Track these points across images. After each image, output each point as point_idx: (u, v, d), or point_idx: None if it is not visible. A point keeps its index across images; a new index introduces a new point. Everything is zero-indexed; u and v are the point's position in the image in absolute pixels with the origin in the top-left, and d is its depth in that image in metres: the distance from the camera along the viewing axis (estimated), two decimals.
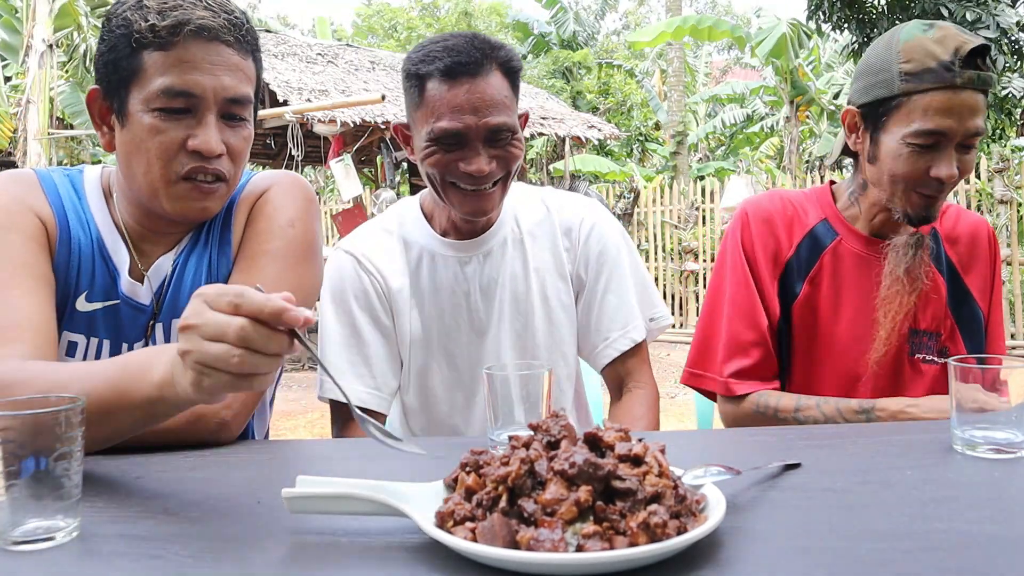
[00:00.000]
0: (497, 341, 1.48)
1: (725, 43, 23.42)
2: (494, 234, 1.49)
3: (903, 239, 1.48)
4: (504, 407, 1.02)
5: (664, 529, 0.64)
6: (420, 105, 1.34)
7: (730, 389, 1.49)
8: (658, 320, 1.57)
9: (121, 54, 1.15)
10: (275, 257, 1.24)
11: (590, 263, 1.52)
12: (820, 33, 8.65)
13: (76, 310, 1.23)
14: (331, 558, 0.70)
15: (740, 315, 1.51)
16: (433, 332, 1.48)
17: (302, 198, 1.31)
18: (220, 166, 1.18)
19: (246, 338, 0.78)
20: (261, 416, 1.43)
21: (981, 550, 0.68)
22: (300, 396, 6.55)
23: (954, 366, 0.99)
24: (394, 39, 24.03)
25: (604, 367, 1.54)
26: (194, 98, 1.14)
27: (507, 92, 1.34)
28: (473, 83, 1.30)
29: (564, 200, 1.57)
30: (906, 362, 1.50)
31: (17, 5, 10.69)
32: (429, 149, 1.34)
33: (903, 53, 1.37)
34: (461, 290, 1.48)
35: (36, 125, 9.47)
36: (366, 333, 1.45)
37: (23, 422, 0.73)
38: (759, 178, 10.23)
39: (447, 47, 1.31)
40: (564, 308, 1.52)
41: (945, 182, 1.37)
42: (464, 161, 1.32)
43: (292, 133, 8.22)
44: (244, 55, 1.19)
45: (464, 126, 1.30)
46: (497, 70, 1.33)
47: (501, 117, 1.32)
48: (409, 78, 1.35)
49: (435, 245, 1.48)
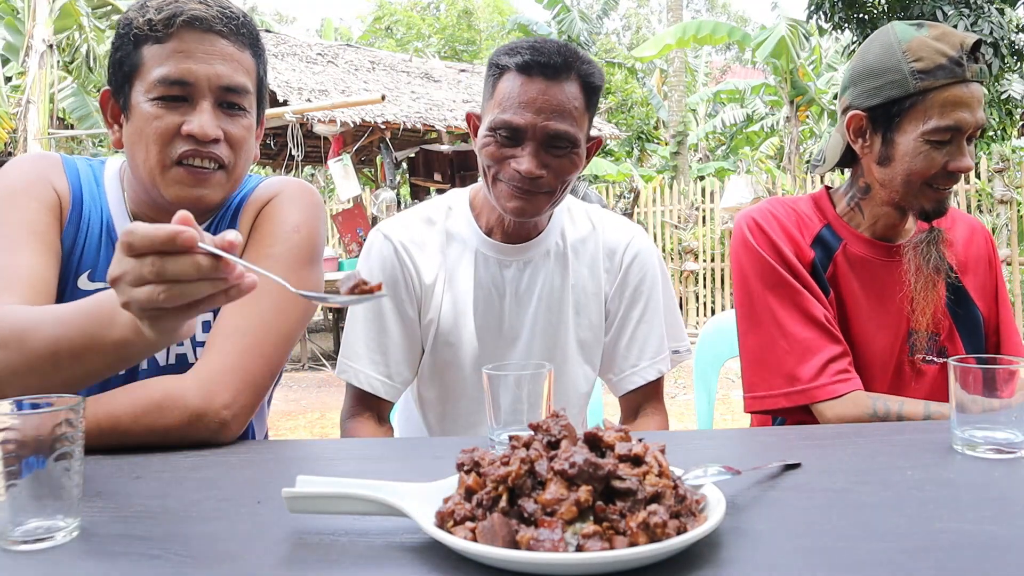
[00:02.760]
0: (528, 349, 1.48)
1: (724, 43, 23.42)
2: (538, 243, 1.49)
3: (921, 237, 1.48)
4: (504, 407, 1.02)
5: (664, 529, 0.64)
6: (493, 94, 1.35)
7: (831, 391, 1.39)
8: (682, 353, 1.58)
9: (125, 52, 1.20)
10: (278, 260, 1.24)
11: (627, 290, 1.52)
12: (822, 32, 8.66)
13: (78, 288, 1.25)
14: (331, 558, 0.70)
15: (799, 318, 1.43)
16: (462, 330, 1.48)
17: (309, 204, 1.32)
18: (217, 151, 1.19)
19: (161, 273, 0.78)
20: (260, 416, 1.44)
21: (981, 550, 0.68)
22: (300, 396, 6.55)
23: (954, 366, 0.99)
24: (393, 39, 24.02)
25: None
26: (189, 86, 1.17)
27: (579, 104, 1.34)
28: (547, 85, 1.30)
29: (611, 221, 1.57)
30: (906, 362, 1.50)
31: (18, 6, 10.69)
32: (487, 138, 1.35)
33: (910, 52, 1.37)
34: (496, 292, 1.48)
35: (36, 125, 9.47)
36: (389, 321, 1.46)
37: (23, 422, 0.73)
38: (759, 178, 10.22)
39: (533, 45, 1.32)
40: (593, 328, 1.53)
41: (961, 174, 1.38)
42: (516, 159, 1.33)
43: (292, 133, 8.22)
44: (240, 47, 1.22)
45: (525, 123, 1.31)
46: (575, 80, 1.33)
47: (564, 125, 1.32)
48: (491, 67, 1.37)
49: (477, 242, 1.48)
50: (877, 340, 1.48)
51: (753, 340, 1.48)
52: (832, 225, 1.53)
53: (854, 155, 1.51)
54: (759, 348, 1.47)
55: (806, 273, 1.46)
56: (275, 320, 1.20)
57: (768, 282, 1.46)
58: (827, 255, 1.50)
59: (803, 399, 1.41)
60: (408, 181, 11.42)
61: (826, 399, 1.39)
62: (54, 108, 10.18)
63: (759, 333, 1.47)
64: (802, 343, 1.42)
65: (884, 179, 1.45)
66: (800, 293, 1.44)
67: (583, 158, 1.39)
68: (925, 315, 1.46)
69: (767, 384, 1.45)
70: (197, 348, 1.26)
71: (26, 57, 9.68)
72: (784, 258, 1.46)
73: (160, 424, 1.08)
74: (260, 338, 1.18)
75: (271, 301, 1.20)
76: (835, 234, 1.52)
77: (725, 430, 1.46)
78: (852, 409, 1.37)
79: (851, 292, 1.49)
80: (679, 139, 16.20)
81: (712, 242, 9.84)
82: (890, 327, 1.49)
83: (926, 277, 1.46)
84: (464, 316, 1.47)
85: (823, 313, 1.44)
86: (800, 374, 1.41)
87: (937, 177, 1.40)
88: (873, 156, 1.46)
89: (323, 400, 6.36)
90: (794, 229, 1.50)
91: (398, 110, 9.30)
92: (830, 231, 1.52)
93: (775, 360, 1.44)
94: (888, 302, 1.49)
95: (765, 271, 1.47)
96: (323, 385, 7.13)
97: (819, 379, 1.40)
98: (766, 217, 1.51)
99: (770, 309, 1.45)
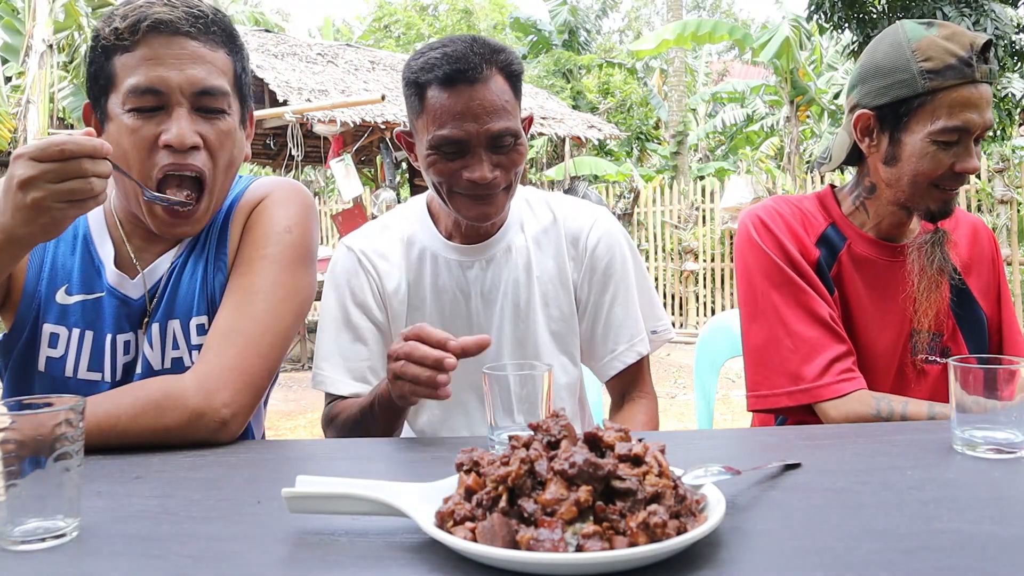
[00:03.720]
0: (498, 348, 1.48)
1: (724, 44, 23.42)
2: (498, 240, 1.49)
3: (925, 238, 1.47)
4: (503, 407, 1.02)
5: (664, 529, 0.64)
6: (421, 113, 1.34)
7: (836, 391, 1.38)
8: (661, 333, 1.56)
9: (98, 65, 1.19)
10: (272, 261, 1.24)
11: (596, 275, 1.51)
12: (822, 32, 8.66)
13: (56, 303, 1.25)
14: (331, 558, 0.70)
15: (804, 317, 1.42)
16: None
17: (300, 204, 1.32)
18: (196, 161, 1.18)
19: (81, 171, 0.97)
20: (257, 417, 1.44)
21: (981, 550, 0.68)
22: (300, 396, 6.55)
23: (954, 366, 0.99)
24: (392, 39, 24.00)
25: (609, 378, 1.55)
26: (162, 94, 1.15)
27: (508, 96, 1.33)
28: (473, 89, 1.29)
29: (571, 207, 1.55)
30: (909, 363, 1.50)
31: (18, 5, 10.69)
32: (432, 157, 1.34)
33: (919, 52, 1.36)
34: (462, 294, 1.47)
35: (36, 125, 9.46)
36: (358, 328, 1.46)
37: (23, 422, 0.73)
38: (759, 178, 10.22)
39: (446, 54, 1.30)
40: (565, 318, 1.52)
41: (969, 175, 1.37)
42: (467, 169, 1.32)
43: (292, 133, 8.23)
44: (213, 47, 1.19)
45: (465, 133, 1.30)
46: (498, 74, 1.32)
47: (503, 123, 1.31)
48: (409, 86, 1.35)
49: (438, 247, 1.48)
50: (880, 340, 1.48)
51: (757, 338, 1.47)
52: (837, 224, 1.52)
53: (860, 154, 1.50)
54: (763, 346, 1.46)
55: (811, 272, 1.46)
56: (270, 319, 1.20)
57: (773, 280, 1.46)
58: (832, 254, 1.49)
59: (807, 398, 1.40)
60: (408, 181, 11.43)
61: (830, 398, 1.38)
62: (54, 108, 10.18)
63: (763, 331, 1.46)
64: (807, 342, 1.41)
65: (890, 179, 1.44)
66: (805, 292, 1.44)
67: (526, 144, 1.39)
68: (928, 316, 1.46)
69: (770, 383, 1.44)
70: (193, 352, 1.26)
71: (26, 57, 9.68)
72: (790, 257, 1.46)
73: (160, 424, 1.08)
74: (256, 338, 1.18)
75: (266, 301, 1.21)
76: (840, 233, 1.51)
77: (725, 430, 1.46)
78: (856, 408, 1.36)
79: (855, 292, 1.49)
80: (679, 139, 16.21)
81: (712, 242, 9.84)
82: (893, 327, 1.48)
83: (930, 278, 1.45)
84: (431, 321, 1.46)
85: (828, 312, 1.43)
86: (804, 373, 1.40)
87: (944, 178, 1.39)
88: (880, 156, 1.45)
89: (323, 400, 6.34)
90: (799, 228, 1.49)
91: (398, 110, 9.29)
92: (835, 230, 1.51)
93: (779, 359, 1.43)
94: (891, 302, 1.48)
95: (770, 269, 1.46)
96: None
97: (823, 378, 1.39)
98: (772, 215, 1.50)
99: (775, 307, 1.45)
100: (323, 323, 1.49)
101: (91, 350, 1.24)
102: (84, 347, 1.24)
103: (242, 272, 1.25)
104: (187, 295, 1.27)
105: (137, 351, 1.27)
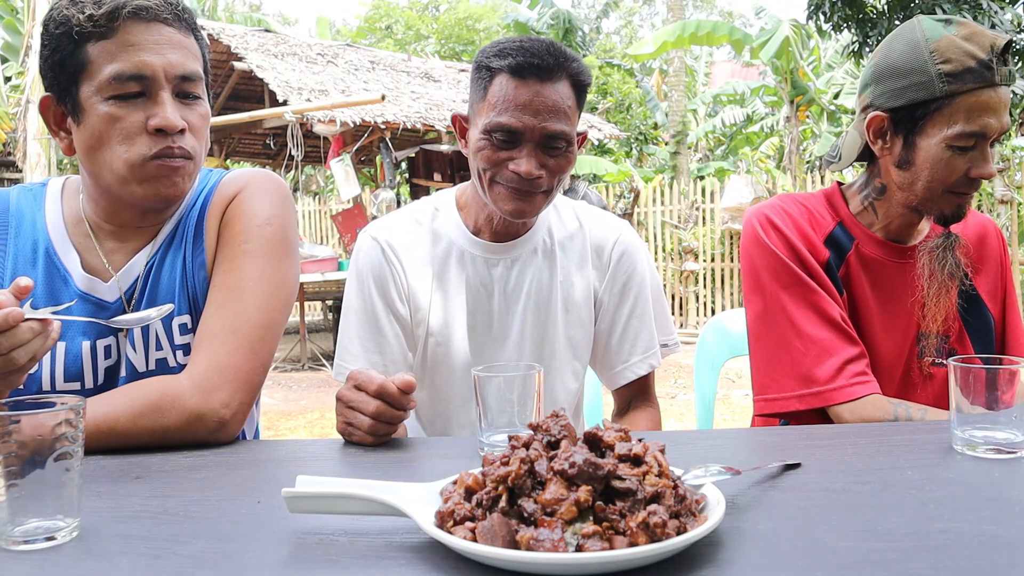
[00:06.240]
0: (519, 347, 1.49)
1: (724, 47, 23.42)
2: (525, 241, 1.49)
3: (937, 242, 1.43)
4: (494, 409, 1.01)
5: (664, 529, 0.64)
6: (484, 97, 1.35)
7: (849, 394, 1.35)
8: (671, 347, 1.60)
9: (65, 52, 1.15)
10: (255, 256, 1.24)
11: (617, 286, 1.53)
12: (822, 33, 8.65)
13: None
14: (331, 558, 0.70)
15: (815, 318, 1.39)
16: (453, 329, 1.48)
17: (276, 194, 1.31)
18: (185, 143, 1.18)
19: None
20: (249, 416, 1.43)
21: (981, 550, 0.68)
22: (300, 396, 6.55)
23: (954, 367, 0.99)
24: (391, 38, 24.00)
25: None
26: (146, 80, 1.14)
27: (571, 103, 1.35)
28: (540, 85, 1.31)
29: (597, 218, 1.58)
30: (915, 366, 1.48)
31: (18, 5, 10.69)
32: (482, 142, 1.35)
33: (937, 53, 1.31)
34: (485, 291, 1.48)
35: (36, 125, 9.46)
36: (381, 318, 1.47)
37: (23, 422, 0.73)
38: (759, 178, 10.22)
39: (523, 47, 1.32)
40: (583, 325, 1.53)
41: (984, 180, 1.35)
42: (515, 161, 1.33)
43: (292, 133, 8.22)
44: (185, 33, 1.20)
45: (522, 125, 1.31)
46: (567, 80, 1.34)
47: (560, 125, 1.33)
48: (479, 70, 1.37)
49: (465, 242, 1.49)
50: (886, 343, 1.45)
51: (765, 341, 1.44)
52: (845, 224, 1.48)
53: (870, 153, 1.46)
54: (772, 349, 1.43)
55: (822, 272, 1.42)
56: (259, 315, 1.20)
57: (782, 281, 1.42)
58: (840, 255, 1.46)
59: (819, 401, 1.36)
60: (408, 181, 11.42)
61: (844, 401, 1.35)
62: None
63: (772, 333, 1.43)
64: (818, 344, 1.38)
65: (903, 182, 1.40)
66: (816, 292, 1.40)
67: (576, 155, 1.41)
68: (936, 320, 1.44)
69: (779, 386, 1.41)
70: (177, 352, 1.25)
71: (26, 57, 9.68)
72: (800, 256, 1.42)
73: (159, 425, 1.08)
74: (247, 334, 1.17)
75: (253, 297, 1.20)
76: (848, 233, 1.48)
77: (725, 430, 1.46)
78: (872, 414, 1.33)
79: (862, 293, 1.46)
80: (679, 139, 16.19)
81: (712, 242, 9.85)
82: (900, 329, 1.46)
83: (940, 283, 1.42)
84: (454, 315, 1.47)
85: (839, 313, 1.40)
86: (816, 376, 1.37)
87: (959, 184, 1.35)
88: (892, 158, 1.41)
89: (323, 400, 6.36)
90: (808, 227, 1.46)
91: (398, 110, 9.29)
92: (843, 230, 1.48)
93: (789, 361, 1.40)
94: (899, 304, 1.46)
95: (780, 269, 1.42)
96: (323, 385, 7.13)
97: (836, 381, 1.35)
98: (780, 214, 1.46)
99: (784, 308, 1.41)
100: (345, 314, 1.50)
101: (64, 361, 1.22)
102: (57, 359, 1.22)
103: (225, 269, 1.23)
104: (167, 294, 1.25)
105: (119, 354, 1.25)
